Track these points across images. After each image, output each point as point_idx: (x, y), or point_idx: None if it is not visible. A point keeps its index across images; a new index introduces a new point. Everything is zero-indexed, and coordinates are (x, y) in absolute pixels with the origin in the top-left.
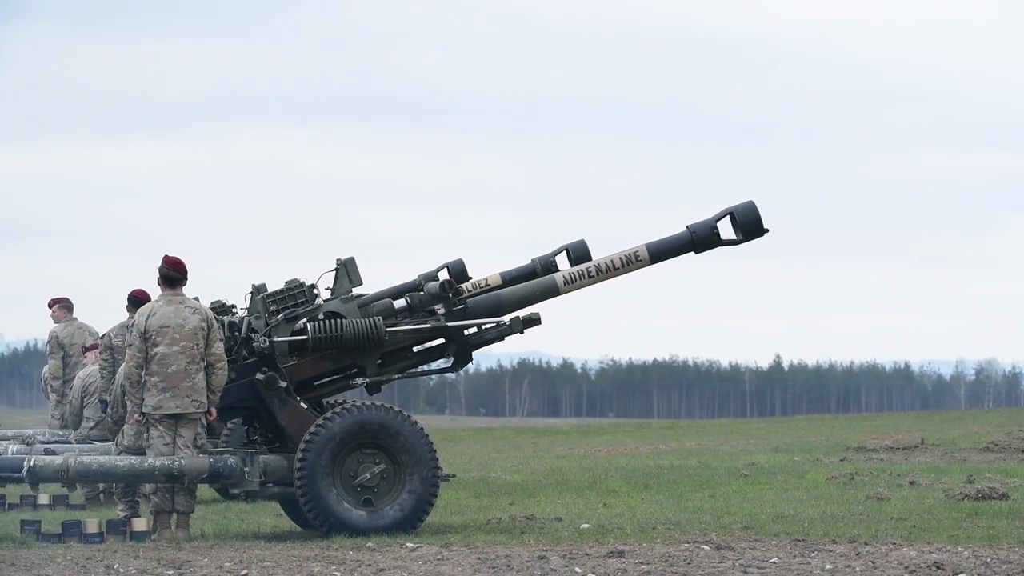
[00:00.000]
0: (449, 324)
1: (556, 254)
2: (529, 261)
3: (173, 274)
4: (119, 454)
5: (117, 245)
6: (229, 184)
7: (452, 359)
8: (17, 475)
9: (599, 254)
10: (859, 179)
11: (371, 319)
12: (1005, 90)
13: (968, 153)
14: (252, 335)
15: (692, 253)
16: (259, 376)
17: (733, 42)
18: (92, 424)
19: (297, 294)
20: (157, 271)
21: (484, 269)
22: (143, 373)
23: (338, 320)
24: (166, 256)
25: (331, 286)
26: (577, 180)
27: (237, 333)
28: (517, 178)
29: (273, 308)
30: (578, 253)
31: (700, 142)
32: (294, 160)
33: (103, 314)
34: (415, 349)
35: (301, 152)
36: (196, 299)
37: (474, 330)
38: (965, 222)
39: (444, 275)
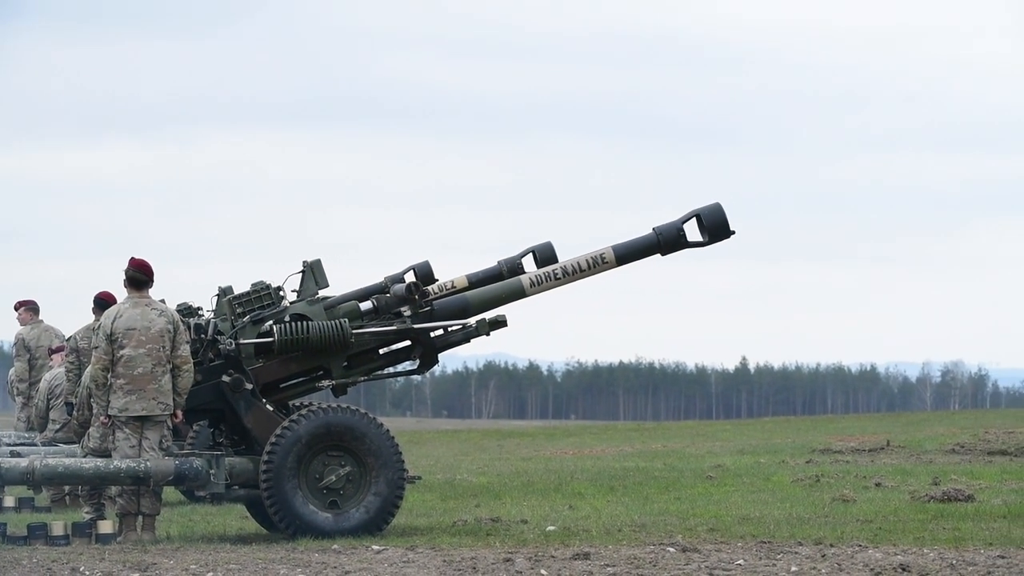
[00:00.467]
0: (415, 326)
1: (522, 256)
2: (495, 263)
3: (139, 276)
4: (85, 456)
5: (83, 247)
6: (196, 186)
7: (418, 361)
8: None
9: (565, 256)
10: (826, 181)
11: (337, 321)
12: (972, 93)
13: (935, 155)
14: (218, 337)
15: (658, 255)
16: (225, 378)
17: (701, 44)
18: (58, 426)
19: (263, 296)
20: (123, 273)
21: (450, 271)
22: (109, 375)
23: (304, 322)
24: (132, 258)
25: (297, 288)
26: (543, 182)
27: (203, 335)
28: (483, 180)
29: (239, 310)
30: (544, 255)
31: (667, 144)
32: (261, 162)
33: (69, 316)
34: (381, 351)
35: (268, 154)
36: (162, 301)
37: (440, 332)
38: (932, 224)
39: (410, 277)
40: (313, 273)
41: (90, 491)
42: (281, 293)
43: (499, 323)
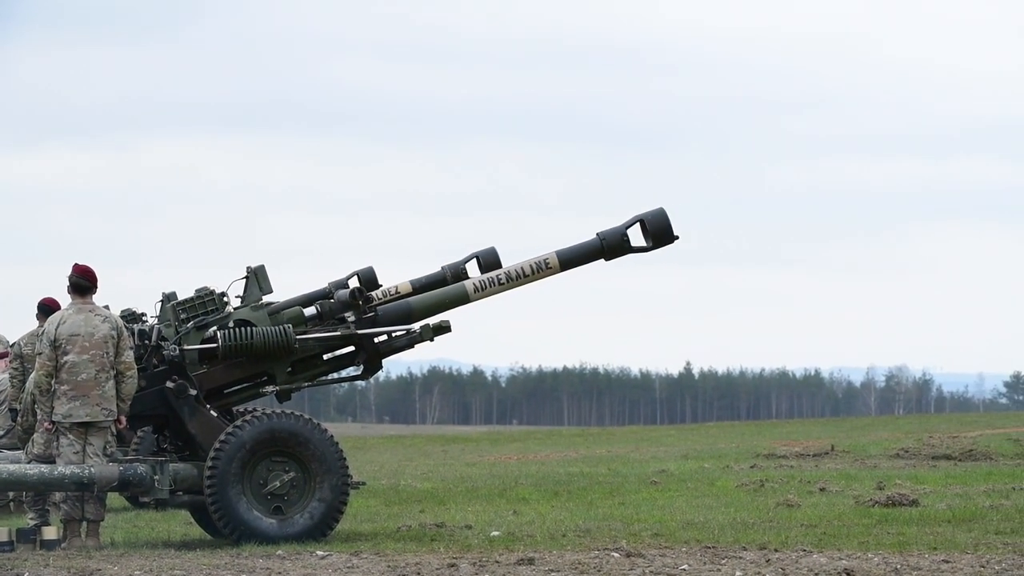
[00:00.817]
0: (359, 332)
1: (466, 261)
2: (439, 268)
3: (83, 282)
4: (29, 462)
5: (27, 253)
6: (139, 192)
7: (362, 367)
8: None
9: (509, 261)
10: (768, 186)
11: (281, 327)
12: (911, 97)
13: (878, 160)
14: (162, 343)
15: (602, 260)
16: (169, 384)
17: (638, 50)
18: (2, 433)
19: (207, 302)
20: (67, 279)
21: (394, 277)
22: (53, 381)
23: (248, 328)
24: (76, 265)
25: (241, 294)
26: (487, 187)
27: (147, 341)
28: (427, 185)
29: (183, 316)
30: (488, 260)
31: (608, 149)
32: (204, 167)
33: (13, 322)
34: (325, 357)
35: (211, 159)
36: (106, 307)
37: (384, 338)
38: (875, 229)
39: (354, 283)
40: (257, 279)
41: (34, 497)
42: (225, 299)
43: (443, 328)
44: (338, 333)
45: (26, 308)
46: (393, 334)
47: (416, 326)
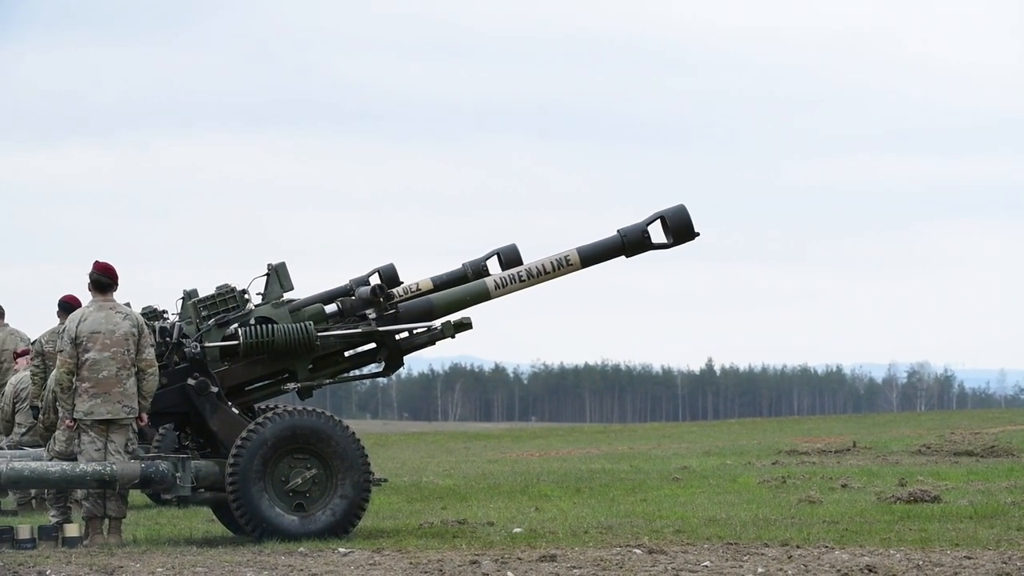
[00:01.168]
0: (380, 329)
1: (487, 258)
2: (460, 265)
3: (104, 280)
4: (51, 460)
5: (48, 251)
6: (160, 189)
7: (383, 364)
8: None
9: (530, 258)
10: (788, 183)
11: (302, 324)
12: (932, 93)
13: (900, 156)
14: (183, 340)
15: (623, 257)
16: (190, 381)
17: (657, 47)
18: (24, 430)
19: (228, 299)
20: (88, 277)
21: (415, 274)
22: (74, 379)
23: (269, 325)
24: (97, 262)
25: (262, 291)
26: (509, 184)
27: (168, 339)
28: (448, 182)
29: (204, 313)
30: (509, 257)
31: (628, 146)
32: (225, 165)
33: (34, 320)
34: (346, 354)
35: (232, 157)
36: (127, 305)
37: (405, 335)
38: (897, 225)
39: (375, 280)
40: (278, 276)
41: (56, 494)
42: (246, 296)
43: (464, 325)
44: (359, 330)
45: (47, 306)
46: (414, 331)
47: (437, 323)
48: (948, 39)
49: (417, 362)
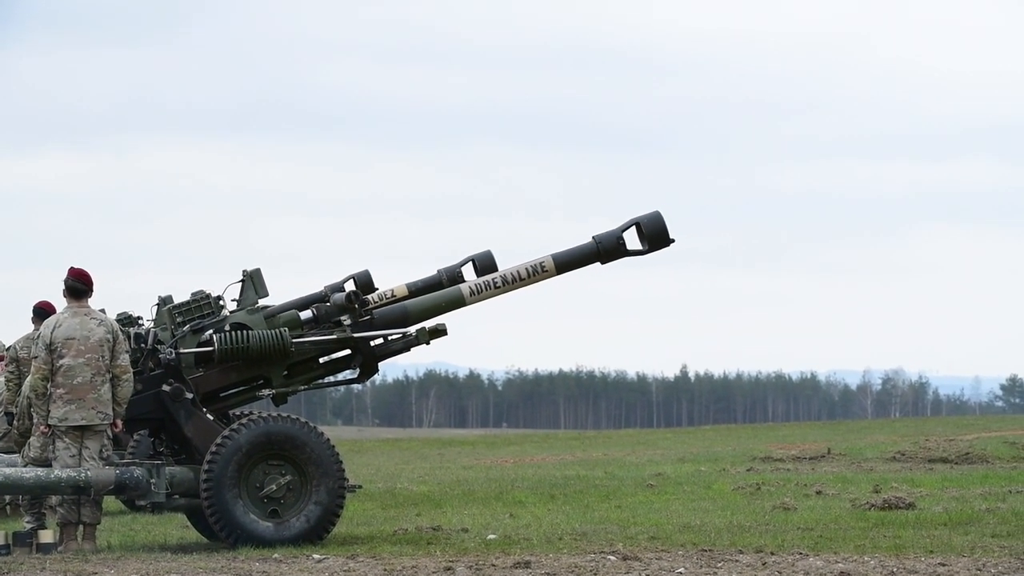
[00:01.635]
0: (355, 335)
1: (462, 265)
2: (435, 272)
3: (79, 286)
4: (25, 466)
5: (22, 256)
6: (135, 195)
7: (358, 370)
8: None
9: (505, 264)
10: (764, 189)
11: (277, 330)
12: (906, 99)
13: (874, 163)
14: (158, 347)
15: (598, 263)
16: (165, 388)
17: (637, 53)
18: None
19: (203, 305)
20: (63, 283)
21: (390, 280)
22: (49, 385)
23: (244, 331)
24: (72, 268)
25: (237, 297)
26: (483, 190)
27: (143, 345)
28: (423, 188)
29: (179, 320)
30: (484, 263)
31: (604, 152)
32: (200, 171)
33: (8, 326)
34: (321, 360)
35: (207, 163)
36: (102, 311)
37: (380, 341)
38: (872, 232)
39: (350, 286)
40: (253, 282)
41: (30, 500)
42: (221, 302)
43: (439, 332)
44: (334, 336)
45: (21, 311)
46: (389, 337)
47: (412, 329)
48: (929, 45)
49: (392, 368)
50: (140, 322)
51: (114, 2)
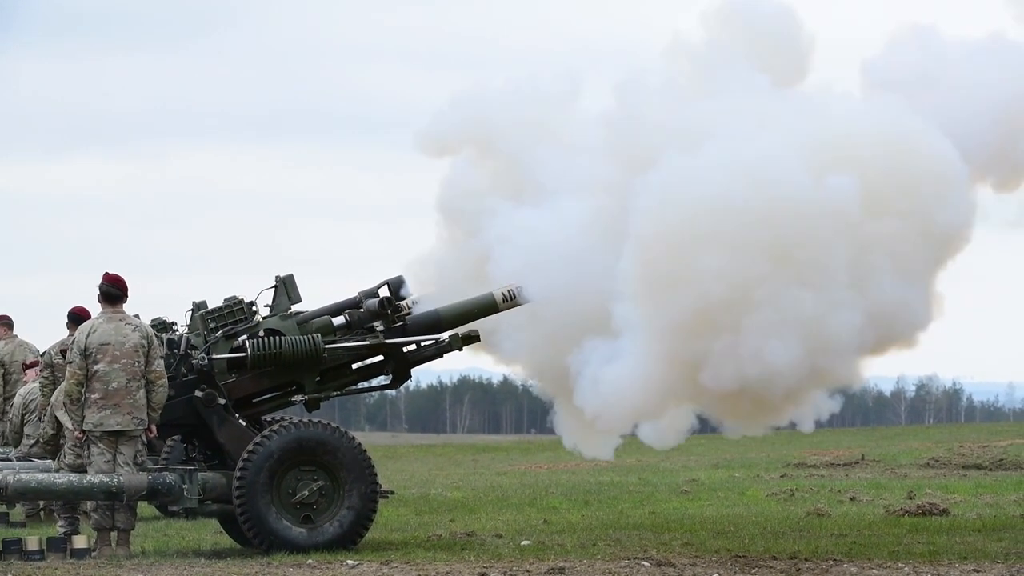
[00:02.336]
0: (388, 341)
1: (379, 287)
2: (356, 294)
3: (113, 291)
4: (58, 471)
5: (57, 262)
6: (168, 200)
7: (391, 376)
8: None
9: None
10: None
11: (310, 336)
12: None
13: None
14: (191, 352)
15: None
16: (198, 393)
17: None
18: (32, 441)
19: (236, 311)
20: (97, 288)
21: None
22: (83, 390)
23: (277, 337)
24: (107, 273)
25: (270, 303)
26: None
27: (176, 350)
28: None
29: (212, 325)
30: (396, 287)
31: None
32: (233, 176)
33: (43, 331)
34: (354, 366)
35: (240, 168)
36: (136, 316)
37: (413, 347)
38: None
39: (384, 292)
40: (286, 288)
41: (64, 506)
42: (254, 308)
43: (472, 338)
44: (367, 342)
45: (56, 317)
46: (422, 343)
47: (445, 335)
48: None
49: (425, 374)
50: (174, 328)
51: (147, 8)
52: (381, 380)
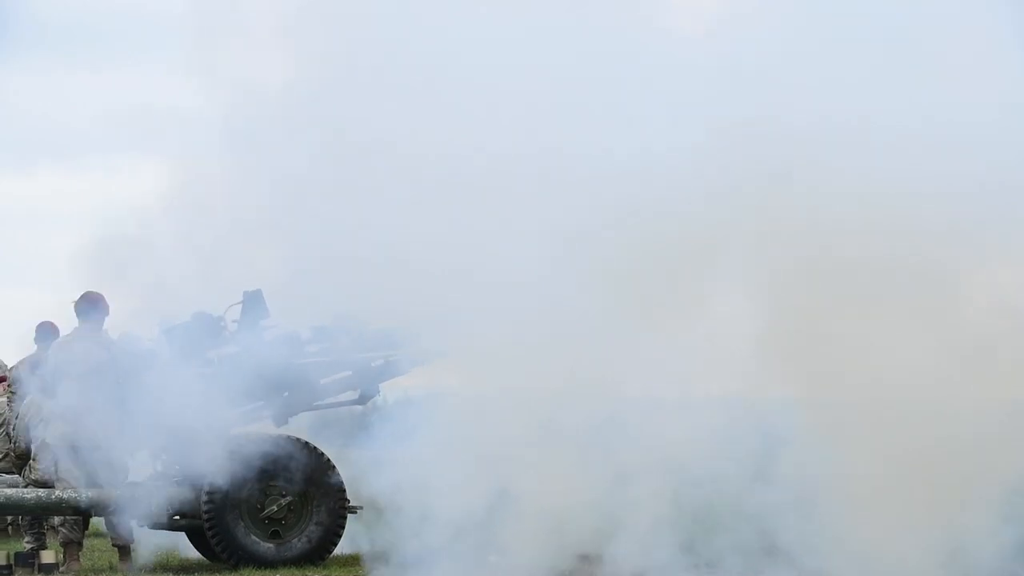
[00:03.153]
0: (356, 356)
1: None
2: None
3: (88, 307)
4: (26, 486)
5: (27, 275)
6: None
7: (359, 391)
8: None
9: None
10: None
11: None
12: None
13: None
14: None
15: None
16: None
17: None
18: (0, 456)
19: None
20: (72, 304)
21: None
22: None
23: None
24: (87, 292)
25: (238, 318)
26: None
27: None
28: None
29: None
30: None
31: None
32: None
33: (11, 347)
34: (322, 381)
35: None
36: (105, 331)
37: (381, 362)
38: None
39: None
40: (254, 303)
41: (31, 520)
42: (222, 323)
43: (443, 352)
44: (335, 358)
45: (25, 331)
46: (390, 358)
47: (415, 350)
48: None
49: (393, 390)
50: None
51: (165, 26)
52: (349, 395)
